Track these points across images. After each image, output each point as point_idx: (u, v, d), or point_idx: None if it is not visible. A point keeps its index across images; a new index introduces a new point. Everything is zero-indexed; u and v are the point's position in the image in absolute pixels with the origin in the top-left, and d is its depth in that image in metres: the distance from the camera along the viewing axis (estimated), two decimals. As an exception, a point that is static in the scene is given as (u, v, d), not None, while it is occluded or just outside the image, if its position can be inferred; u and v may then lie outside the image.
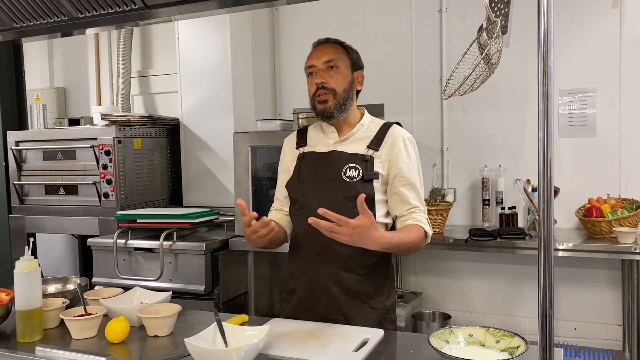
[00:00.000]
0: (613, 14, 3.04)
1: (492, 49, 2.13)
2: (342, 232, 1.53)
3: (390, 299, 1.84)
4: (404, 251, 1.74)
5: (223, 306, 2.90)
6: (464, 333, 1.43)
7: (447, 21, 3.39)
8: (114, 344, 1.54)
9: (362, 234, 1.55)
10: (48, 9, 1.83)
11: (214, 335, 1.43)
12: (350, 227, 1.52)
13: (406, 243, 1.70)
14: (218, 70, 3.48)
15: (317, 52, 1.85)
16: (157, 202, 3.57)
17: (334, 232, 1.53)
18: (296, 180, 1.87)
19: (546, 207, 1.08)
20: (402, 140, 1.82)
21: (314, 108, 1.85)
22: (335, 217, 1.51)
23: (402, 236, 1.72)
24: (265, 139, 2.99)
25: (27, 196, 3.56)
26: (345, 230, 1.52)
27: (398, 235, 1.71)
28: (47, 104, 4.36)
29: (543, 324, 1.07)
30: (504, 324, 3.20)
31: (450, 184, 3.41)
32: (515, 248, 2.84)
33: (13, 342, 1.59)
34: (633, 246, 2.60)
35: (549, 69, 1.06)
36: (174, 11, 1.78)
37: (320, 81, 1.80)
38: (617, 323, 3.11)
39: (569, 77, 3.12)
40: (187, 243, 2.86)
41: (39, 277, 1.62)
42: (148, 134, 3.51)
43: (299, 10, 3.74)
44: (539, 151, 1.08)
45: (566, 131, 3.16)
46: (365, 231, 1.55)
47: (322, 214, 1.52)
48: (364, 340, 1.50)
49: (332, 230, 1.52)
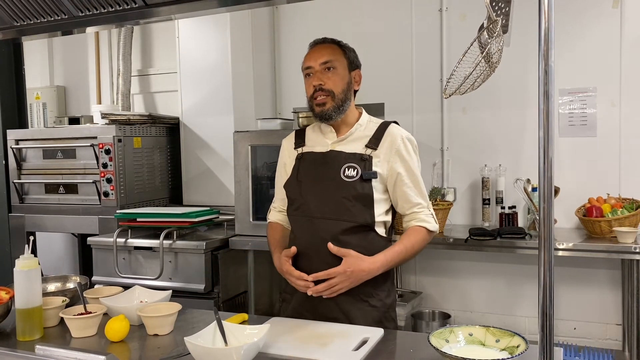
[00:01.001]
0: (613, 13, 3.04)
1: (492, 48, 2.13)
2: (337, 284, 1.66)
3: (390, 297, 1.85)
4: (410, 258, 1.83)
5: (223, 305, 2.90)
6: (464, 332, 1.43)
7: (447, 20, 3.38)
8: (114, 343, 1.55)
9: (353, 273, 1.67)
10: (48, 7, 1.82)
11: (214, 334, 1.43)
12: (340, 273, 1.66)
13: (405, 252, 1.78)
14: (218, 69, 3.47)
15: (314, 52, 1.85)
16: (157, 201, 3.57)
17: (333, 288, 1.66)
18: (295, 180, 1.87)
19: (547, 206, 1.08)
20: (401, 139, 1.83)
21: (312, 110, 1.85)
22: (324, 275, 1.66)
23: (398, 249, 1.78)
24: (265, 138, 2.99)
25: (27, 195, 3.55)
26: (337, 280, 1.66)
27: (394, 250, 1.78)
28: (47, 103, 4.35)
29: (543, 324, 1.07)
30: (504, 323, 3.19)
31: (450, 184, 3.41)
32: (515, 248, 2.84)
33: (13, 340, 1.59)
34: (633, 246, 2.60)
35: (550, 68, 1.05)
36: (174, 10, 1.78)
37: (318, 83, 1.81)
38: (616, 323, 3.11)
39: (569, 76, 3.12)
40: (187, 242, 2.86)
41: (38, 275, 1.62)
42: (148, 133, 3.51)
43: (299, 9, 3.73)
44: (540, 150, 1.08)
45: (566, 131, 3.15)
46: (355, 270, 1.67)
47: (312, 279, 1.68)
48: (364, 340, 1.50)
49: (331, 287, 1.66)
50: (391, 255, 1.75)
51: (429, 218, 1.83)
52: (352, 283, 1.68)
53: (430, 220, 1.83)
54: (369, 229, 1.79)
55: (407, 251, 1.78)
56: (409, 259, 1.83)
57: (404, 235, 1.83)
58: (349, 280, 1.67)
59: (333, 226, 1.76)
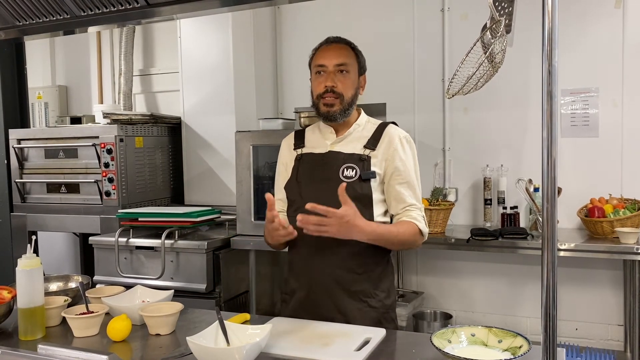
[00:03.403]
0: (616, 13, 3.04)
1: (496, 48, 2.13)
2: (329, 224, 1.58)
3: (390, 298, 1.84)
4: (395, 245, 1.78)
5: (224, 305, 2.90)
6: (467, 333, 1.43)
7: (449, 20, 3.38)
8: (116, 342, 1.55)
9: (348, 223, 1.60)
10: (50, 7, 1.83)
11: (216, 334, 1.43)
12: (337, 216, 1.57)
13: (395, 235, 1.73)
14: (220, 69, 3.47)
15: (329, 51, 1.82)
16: (158, 200, 3.57)
17: (322, 226, 1.57)
18: (294, 181, 1.87)
19: (550, 207, 1.08)
20: (399, 139, 1.82)
21: (317, 108, 1.84)
22: (323, 210, 1.56)
23: (390, 228, 1.75)
24: (267, 138, 2.99)
25: (28, 194, 3.56)
26: (332, 221, 1.57)
27: (386, 227, 1.74)
28: (49, 102, 4.36)
29: (546, 324, 1.07)
30: (506, 323, 3.20)
31: (452, 184, 3.41)
32: (517, 248, 2.84)
33: (15, 339, 1.59)
34: (635, 246, 2.60)
35: (553, 69, 1.05)
36: (176, 10, 1.78)
37: (330, 85, 1.79)
38: (618, 323, 3.11)
39: (571, 77, 3.11)
40: (189, 242, 2.86)
41: (41, 275, 1.62)
42: (150, 133, 3.51)
43: (301, 9, 3.73)
44: (543, 151, 1.08)
45: (568, 131, 3.15)
46: (351, 220, 1.60)
47: (310, 209, 1.57)
48: (366, 340, 1.50)
49: (319, 224, 1.57)
50: (382, 230, 1.71)
51: (421, 219, 1.79)
52: (339, 231, 1.60)
53: (422, 221, 1.79)
54: None
55: (397, 235, 1.73)
56: (396, 246, 1.78)
57: (396, 222, 1.80)
58: (340, 226, 1.59)
59: None
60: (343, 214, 1.58)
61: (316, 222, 1.57)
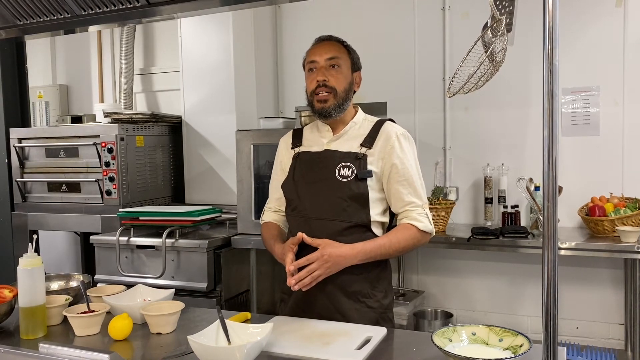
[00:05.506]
0: (617, 12, 3.03)
1: (496, 46, 2.13)
2: (316, 269, 1.62)
3: (387, 298, 1.84)
4: (392, 254, 1.77)
5: (225, 304, 2.90)
6: (467, 331, 1.43)
7: (450, 19, 3.38)
8: (117, 341, 1.55)
9: (330, 259, 1.64)
10: (51, 6, 1.83)
11: (217, 333, 1.43)
12: (318, 258, 1.62)
13: (388, 246, 1.73)
14: (220, 68, 3.47)
15: (319, 48, 1.84)
16: (159, 199, 3.58)
17: (312, 274, 1.62)
18: (291, 180, 1.87)
19: (551, 205, 1.08)
20: (396, 135, 1.81)
21: (312, 106, 1.84)
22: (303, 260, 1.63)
23: (381, 241, 1.74)
24: (268, 137, 2.99)
25: (29, 193, 3.56)
26: (315, 265, 1.62)
27: (376, 242, 1.74)
28: (49, 102, 4.36)
29: (547, 323, 1.07)
30: (506, 322, 3.19)
31: (452, 183, 3.41)
32: (518, 247, 2.83)
33: (16, 338, 1.60)
34: (636, 245, 2.60)
35: (555, 68, 1.05)
36: (177, 9, 1.78)
37: (322, 79, 1.79)
38: (619, 322, 3.11)
39: (572, 75, 3.11)
40: (190, 241, 2.86)
41: (42, 274, 1.62)
42: (150, 132, 3.51)
43: (302, 9, 3.73)
44: (544, 149, 1.08)
45: (569, 130, 3.15)
46: (331, 256, 1.64)
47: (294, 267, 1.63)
48: (367, 338, 1.50)
49: (310, 272, 1.62)
50: (371, 246, 1.71)
51: (422, 217, 1.78)
52: (330, 268, 1.63)
53: (423, 220, 1.77)
54: (366, 229, 1.78)
55: (390, 246, 1.73)
56: (393, 254, 1.77)
57: (392, 230, 1.81)
58: (327, 264, 1.62)
59: (329, 226, 1.75)
60: (321, 253, 1.63)
61: (307, 274, 1.62)
